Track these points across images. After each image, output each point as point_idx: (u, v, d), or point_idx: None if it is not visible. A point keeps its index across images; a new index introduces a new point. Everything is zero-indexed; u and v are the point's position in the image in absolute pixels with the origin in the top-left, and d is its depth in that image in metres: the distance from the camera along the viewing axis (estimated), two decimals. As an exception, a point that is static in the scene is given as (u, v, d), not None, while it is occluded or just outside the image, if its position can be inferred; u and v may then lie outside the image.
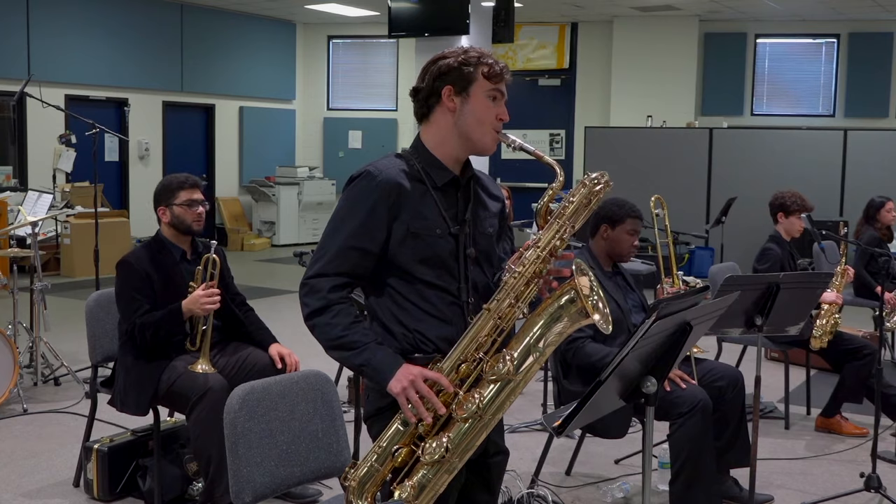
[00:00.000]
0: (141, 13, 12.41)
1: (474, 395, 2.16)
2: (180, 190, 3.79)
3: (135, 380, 3.66)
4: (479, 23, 9.42)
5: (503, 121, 2.31)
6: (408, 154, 2.35)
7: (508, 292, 2.19)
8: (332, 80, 15.35)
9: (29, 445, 4.62)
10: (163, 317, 3.63)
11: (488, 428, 2.18)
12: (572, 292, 2.16)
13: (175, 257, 3.81)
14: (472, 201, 2.36)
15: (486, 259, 2.37)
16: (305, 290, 2.26)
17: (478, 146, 2.31)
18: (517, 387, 2.18)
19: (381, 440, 2.22)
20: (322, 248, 2.29)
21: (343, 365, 2.36)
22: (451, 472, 2.17)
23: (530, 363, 2.17)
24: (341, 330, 2.22)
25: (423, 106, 2.34)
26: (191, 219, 3.79)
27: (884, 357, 4.87)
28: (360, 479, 2.21)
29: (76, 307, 7.28)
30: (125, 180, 12.48)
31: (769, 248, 5.01)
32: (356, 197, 2.27)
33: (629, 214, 3.76)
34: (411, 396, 2.14)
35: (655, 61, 13.26)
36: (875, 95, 12.90)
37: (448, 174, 2.32)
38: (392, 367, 2.18)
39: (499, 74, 2.29)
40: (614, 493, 4.02)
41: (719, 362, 4.23)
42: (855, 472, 4.19)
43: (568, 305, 2.17)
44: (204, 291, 3.63)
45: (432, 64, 2.32)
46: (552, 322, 2.18)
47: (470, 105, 2.28)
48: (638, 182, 10.71)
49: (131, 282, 3.70)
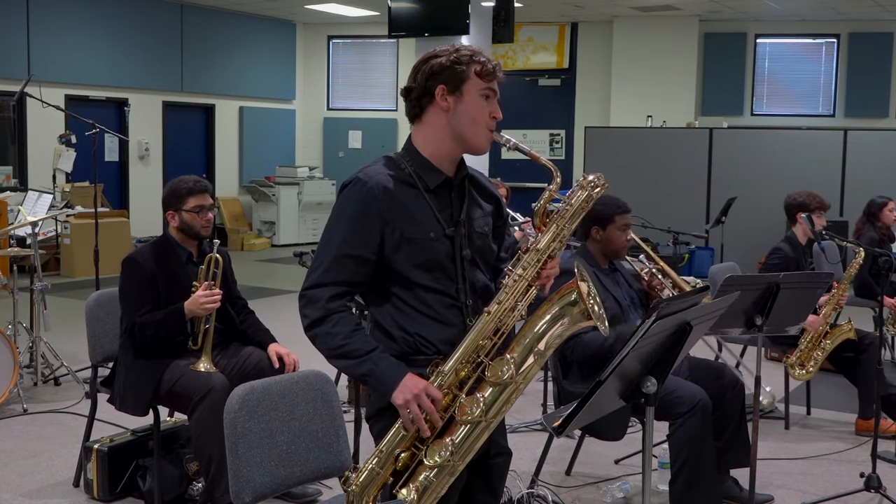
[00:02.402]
0: (141, 13, 12.41)
1: (476, 398, 2.16)
2: (190, 196, 3.78)
3: (135, 379, 3.66)
4: (479, 23, 9.42)
5: (497, 119, 2.29)
6: (399, 157, 2.34)
7: (509, 295, 2.18)
8: (331, 80, 15.35)
9: (29, 445, 4.62)
10: (164, 317, 3.63)
11: (490, 429, 2.18)
12: (574, 294, 2.16)
13: (182, 259, 3.81)
14: (468, 201, 2.35)
15: (482, 259, 2.36)
16: (304, 301, 2.26)
17: (472, 145, 2.29)
18: (518, 389, 2.18)
19: (382, 444, 2.22)
20: (318, 258, 2.28)
21: (345, 374, 2.36)
22: (453, 475, 2.17)
23: (530, 365, 2.17)
24: (342, 339, 2.22)
25: (416, 106, 2.32)
26: (199, 225, 3.79)
27: (884, 357, 4.87)
28: (362, 484, 2.21)
29: (76, 307, 7.28)
30: (125, 180, 12.48)
31: (779, 248, 4.98)
32: (347, 205, 2.26)
33: (617, 211, 3.73)
34: (413, 410, 2.14)
35: (655, 61, 13.26)
36: (875, 95, 12.90)
37: (440, 176, 2.30)
38: (396, 378, 2.18)
39: (491, 73, 2.27)
40: (614, 493, 4.02)
41: (719, 362, 4.23)
42: (855, 472, 4.19)
43: (569, 307, 2.17)
44: (204, 292, 3.63)
45: (424, 63, 2.30)
46: (553, 323, 2.18)
47: (463, 104, 2.26)
48: (638, 182, 10.72)
49: (136, 280, 3.70)
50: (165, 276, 3.72)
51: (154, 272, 3.70)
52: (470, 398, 2.16)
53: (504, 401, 2.17)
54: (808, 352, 4.80)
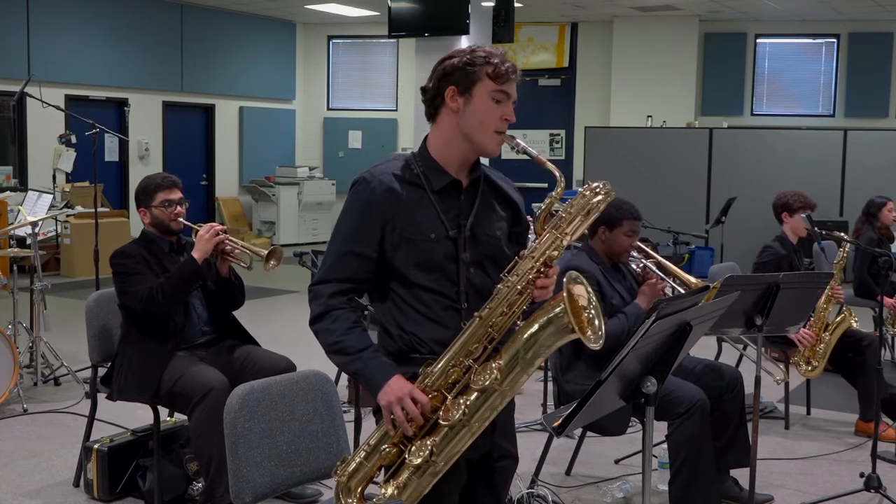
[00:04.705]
0: (141, 13, 12.42)
1: (458, 402, 2.15)
2: (158, 191, 3.87)
3: (139, 367, 3.68)
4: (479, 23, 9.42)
5: (508, 122, 2.27)
6: (412, 157, 2.35)
7: (501, 301, 2.17)
8: (332, 80, 15.35)
9: (29, 445, 4.62)
10: (178, 270, 3.71)
11: (474, 434, 2.17)
12: (560, 306, 2.12)
13: (164, 249, 3.90)
14: (478, 204, 2.33)
15: (492, 263, 2.33)
16: (310, 296, 2.32)
17: (480, 148, 2.28)
18: (504, 395, 2.16)
19: (370, 438, 2.25)
20: (326, 255, 2.34)
21: (341, 370, 2.39)
22: (435, 475, 2.17)
23: (517, 373, 2.15)
24: (338, 336, 2.26)
25: (430, 106, 2.33)
26: (168, 218, 3.85)
27: (884, 357, 4.87)
28: (349, 475, 2.24)
29: (76, 307, 7.27)
30: (125, 180, 12.48)
31: (769, 246, 5.00)
32: (351, 203, 2.31)
33: (626, 217, 3.75)
34: (396, 412, 2.17)
35: (655, 61, 13.26)
36: (875, 95, 12.91)
37: (446, 177, 2.29)
38: (384, 377, 2.20)
39: (504, 74, 2.24)
40: (614, 493, 4.02)
41: (719, 362, 4.23)
42: (855, 472, 4.19)
43: (556, 319, 2.14)
44: (203, 230, 3.74)
45: (439, 63, 2.31)
46: (542, 333, 2.15)
47: (472, 106, 2.25)
48: (638, 182, 10.72)
49: (131, 263, 3.77)
50: (155, 263, 3.80)
51: (144, 256, 3.80)
52: (453, 402, 2.16)
53: (488, 406, 2.15)
54: (812, 348, 4.81)
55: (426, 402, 2.17)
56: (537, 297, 2.19)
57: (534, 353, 2.16)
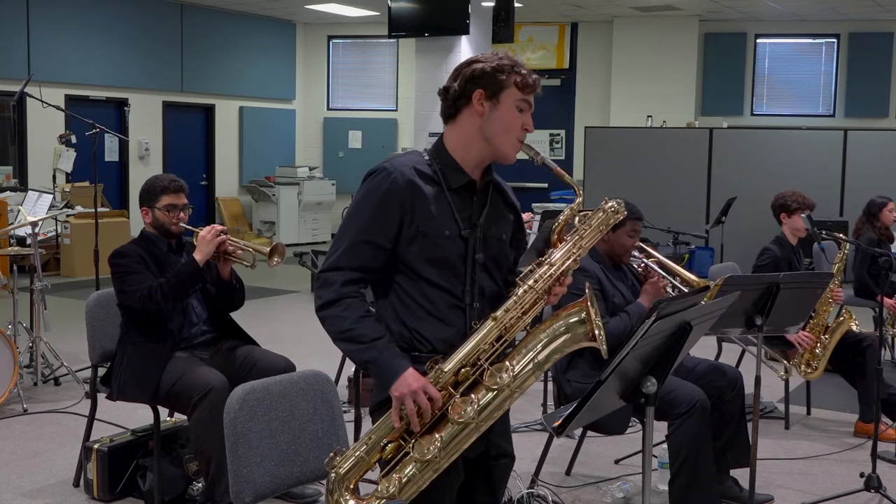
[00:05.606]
0: (141, 13, 12.42)
1: (471, 399, 2.18)
2: (163, 194, 3.85)
3: (138, 367, 3.67)
4: (479, 23, 9.43)
5: (528, 131, 2.32)
6: (428, 153, 2.37)
7: (517, 304, 2.21)
8: (332, 80, 15.35)
9: (29, 445, 4.62)
10: (178, 270, 3.70)
11: (479, 431, 2.20)
12: (583, 313, 2.18)
13: (163, 249, 3.89)
14: (489, 206, 2.36)
15: (495, 265, 2.37)
16: (319, 282, 2.30)
17: (500, 153, 2.32)
18: (512, 396, 2.20)
19: (371, 431, 2.25)
20: (336, 242, 2.32)
21: (349, 358, 2.39)
22: (436, 471, 2.19)
23: (527, 374, 2.19)
24: (350, 323, 2.24)
25: (452, 106, 2.35)
26: (170, 223, 3.86)
27: (884, 357, 4.87)
28: (346, 468, 2.23)
29: (76, 307, 7.27)
30: (125, 180, 12.49)
31: (767, 248, 5.01)
32: (370, 192, 2.29)
33: (630, 217, 3.76)
34: (408, 405, 2.17)
35: (655, 61, 13.26)
36: (875, 95, 12.91)
37: (464, 177, 2.32)
38: (398, 369, 2.20)
39: (531, 86, 2.30)
40: (614, 493, 4.02)
41: (720, 362, 4.23)
42: (855, 472, 4.19)
43: (575, 325, 2.19)
44: (204, 231, 3.73)
45: (466, 66, 2.33)
46: (555, 338, 2.20)
47: (499, 112, 2.29)
48: (638, 182, 10.72)
49: (129, 262, 3.76)
50: (153, 263, 3.80)
51: (143, 256, 3.79)
52: (464, 399, 2.18)
53: (496, 406, 2.19)
54: (811, 351, 4.81)
55: (438, 399, 2.18)
56: (549, 304, 2.26)
57: (548, 357, 2.21)
